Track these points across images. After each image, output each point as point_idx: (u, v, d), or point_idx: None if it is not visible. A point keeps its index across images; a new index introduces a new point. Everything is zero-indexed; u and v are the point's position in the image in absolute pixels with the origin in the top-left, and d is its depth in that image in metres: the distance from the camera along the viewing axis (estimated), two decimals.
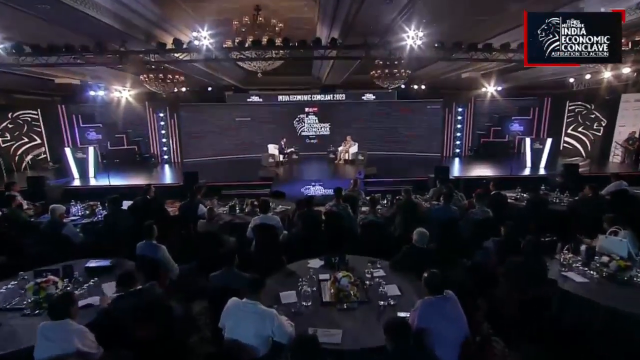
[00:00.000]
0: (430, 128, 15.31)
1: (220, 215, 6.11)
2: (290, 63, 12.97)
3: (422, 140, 15.43)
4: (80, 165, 11.13)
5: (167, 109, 14.20)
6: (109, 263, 4.01)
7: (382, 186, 9.76)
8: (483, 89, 14.71)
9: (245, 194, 9.31)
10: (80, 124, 14.34)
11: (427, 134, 15.37)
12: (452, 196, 5.57)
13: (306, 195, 8.63)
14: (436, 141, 15.19)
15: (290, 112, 15.75)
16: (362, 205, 6.41)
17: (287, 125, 15.67)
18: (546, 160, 11.44)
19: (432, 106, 15.20)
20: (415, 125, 15.50)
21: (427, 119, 15.34)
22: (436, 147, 15.14)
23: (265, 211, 5.24)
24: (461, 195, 6.29)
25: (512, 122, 15.33)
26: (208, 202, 6.71)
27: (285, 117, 15.73)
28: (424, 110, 15.34)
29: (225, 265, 3.49)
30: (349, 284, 3.37)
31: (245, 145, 15.42)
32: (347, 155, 13.20)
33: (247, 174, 10.53)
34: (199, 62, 7.58)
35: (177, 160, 14.49)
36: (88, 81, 12.55)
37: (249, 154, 14.82)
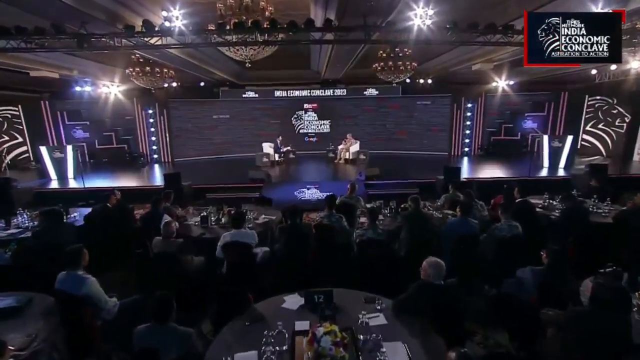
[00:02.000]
0: (437, 125, 14.12)
1: (189, 228, 5.04)
2: (286, 55, 11.95)
3: (429, 138, 14.25)
4: (58, 165, 10.12)
5: (156, 105, 13.15)
6: (16, 303, 2.93)
7: (385, 189, 8.65)
8: (494, 84, 13.52)
9: (231, 198, 8.25)
10: (65, 121, 13.36)
11: (434, 132, 14.18)
12: (471, 207, 4.43)
13: (294, 202, 7.51)
14: (443, 139, 13.99)
15: (288, 109, 14.64)
16: (360, 214, 5.31)
17: (285, 122, 14.58)
18: (566, 160, 10.23)
19: (439, 102, 13.99)
20: (421, 122, 14.32)
21: (434, 115, 14.15)
22: (443, 145, 13.95)
23: (238, 225, 4.16)
24: (481, 205, 5.13)
25: (525, 119, 14.09)
26: (180, 210, 5.66)
27: (282, 113, 14.64)
28: (430, 106, 14.16)
29: (158, 318, 2.40)
30: (333, 345, 2.27)
31: (240, 144, 14.36)
32: (348, 154, 12.07)
33: (239, 175, 9.44)
34: (175, 47, 6.49)
35: (168, 160, 13.46)
36: (75, 76, 11.55)
37: (244, 153, 13.75)
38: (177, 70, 11.43)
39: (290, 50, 11.02)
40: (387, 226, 4.80)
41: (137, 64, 10.62)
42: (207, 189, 8.79)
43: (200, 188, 8.86)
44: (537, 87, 13.62)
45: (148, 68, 10.71)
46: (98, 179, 10.28)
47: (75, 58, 10.21)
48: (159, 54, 7.41)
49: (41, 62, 9.58)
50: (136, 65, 10.64)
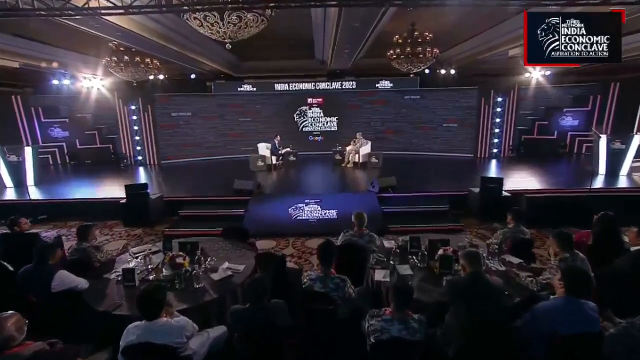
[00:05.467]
0: (462, 123, 11.93)
1: (103, 293, 3.11)
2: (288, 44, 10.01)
3: (451, 138, 12.08)
4: (14, 171, 8.35)
5: (139, 101, 11.29)
6: None
7: (405, 205, 6.62)
8: (527, 75, 11.32)
9: (210, 216, 6.38)
10: (42, 119, 11.65)
11: (457, 130, 12.00)
12: (587, 285, 2.31)
13: (278, 251, 5.35)
14: (468, 139, 11.81)
15: (290, 104, 12.64)
16: (375, 263, 3.32)
17: (286, 120, 12.59)
18: (630, 167, 8.00)
19: (464, 96, 11.80)
20: (442, 119, 12.14)
21: (458, 112, 11.95)
22: (468, 146, 11.78)
23: (154, 313, 2.21)
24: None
25: (564, 116, 11.81)
26: (105, 255, 3.74)
27: (284, 110, 12.64)
28: (453, 101, 11.97)
29: None
30: None
31: (236, 144, 12.45)
32: (358, 157, 10.01)
33: (230, 181, 7.41)
34: (112, 13, 4.51)
35: (154, 162, 11.62)
36: (54, 68, 9.83)
37: (240, 154, 11.84)
38: (163, 61, 9.63)
39: (290, 33, 9.10)
40: (422, 295, 2.78)
41: (115, 53, 8.89)
42: (182, 203, 6.89)
43: (174, 201, 6.98)
44: (580, 77, 11.34)
45: (127, 58, 8.98)
46: (62, 187, 8.53)
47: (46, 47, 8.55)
48: (99, 26, 5.46)
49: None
50: (114, 54, 8.91)
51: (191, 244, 3.63)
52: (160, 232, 6.09)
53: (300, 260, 5.03)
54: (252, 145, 10.73)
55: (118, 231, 6.34)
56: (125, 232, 6.27)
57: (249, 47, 10.72)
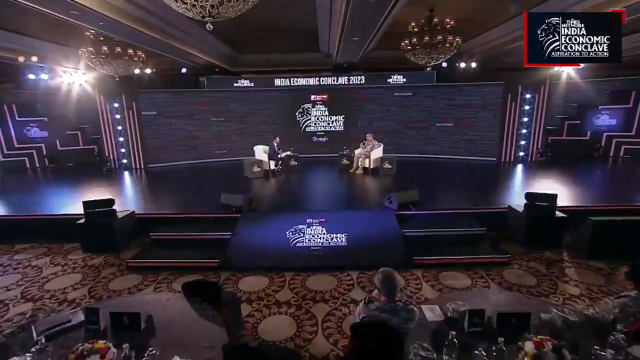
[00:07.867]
0: (484, 123, 10.46)
1: None
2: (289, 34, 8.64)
3: (472, 138, 10.62)
4: None
5: (122, 97, 9.93)
6: None
7: (430, 227, 5.20)
8: (556, 68, 9.85)
9: (188, 239, 5.04)
10: (16, 117, 10.35)
11: (478, 131, 10.54)
12: None
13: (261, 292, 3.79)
14: (491, 141, 10.35)
15: (291, 101, 11.23)
16: None
17: (287, 118, 11.20)
18: None
19: (487, 92, 10.32)
20: (462, 118, 10.67)
21: (481, 110, 10.47)
22: (491, 148, 10.32)
23: None
24: None
25: (599, 114, 10.34)
26: None
27: (284, 107, 11.25)
28: (475, 97, 10.51)
29: None
30: None
31: (231, 146, 11.09)
32: (368, 161, 8.60)
33: (219, 191, 6.02)
34: None
35: (139, 166, 10.26)
36: (27, 60, 8.55)
37: (236, 156, 10.48)
38: (148, 53, 8.32)
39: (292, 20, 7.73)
40: None
41: (92, 43, 7.59)
42: (155, 221, 5.53)
43: (146, 219, 5.62)
44: (619, 71, 9.86)
45: (106, 48, 7.67)
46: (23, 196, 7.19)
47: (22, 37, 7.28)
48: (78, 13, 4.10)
49: None
50: (91, 44, 7.62)
51: (130, 318, 2.29)
52: (124, 262, 4.75)
53: (300, 312, 3.63)
54: (249, 147, 9.35)
55: (74, 259, 4.99)
56: (83, 261, 4.94)
57: (247, 38, 9.38)
